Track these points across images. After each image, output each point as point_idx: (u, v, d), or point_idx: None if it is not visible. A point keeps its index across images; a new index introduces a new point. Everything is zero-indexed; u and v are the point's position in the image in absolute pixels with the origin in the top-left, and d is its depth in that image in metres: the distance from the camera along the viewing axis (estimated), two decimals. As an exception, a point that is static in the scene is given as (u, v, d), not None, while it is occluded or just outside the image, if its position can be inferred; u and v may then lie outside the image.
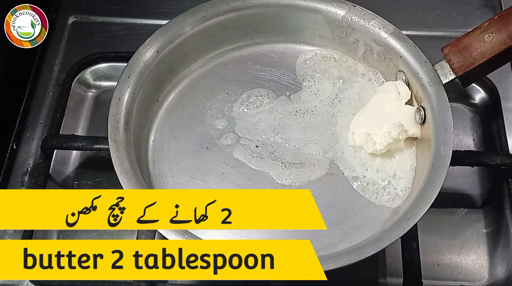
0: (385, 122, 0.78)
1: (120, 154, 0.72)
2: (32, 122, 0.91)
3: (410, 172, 0.78)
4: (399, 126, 0.77)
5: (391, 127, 0.77)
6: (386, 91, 0.80)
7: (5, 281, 0.80)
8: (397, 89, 0.80)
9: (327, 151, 0.81)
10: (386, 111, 0.79)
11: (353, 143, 0.79)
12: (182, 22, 0.82)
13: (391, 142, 0.77)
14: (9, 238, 0.82)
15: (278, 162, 0.80)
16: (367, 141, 0.78)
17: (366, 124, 0.79)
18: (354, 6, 0.83)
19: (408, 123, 0.78)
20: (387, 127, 0.77)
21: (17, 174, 0.87)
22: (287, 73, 0.87)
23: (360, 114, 0.81)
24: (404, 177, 0.77)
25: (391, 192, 0.77)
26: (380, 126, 0.78)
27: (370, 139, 0.77)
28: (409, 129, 0.78)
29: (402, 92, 0.79)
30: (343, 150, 0.81)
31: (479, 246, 0.84)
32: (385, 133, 0.77)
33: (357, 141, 0.79)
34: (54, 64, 0.96)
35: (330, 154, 0.80)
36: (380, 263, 0.81)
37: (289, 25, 0.87)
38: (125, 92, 0.77)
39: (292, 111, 0.84)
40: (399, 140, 0.77)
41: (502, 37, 0.73)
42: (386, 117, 0.78)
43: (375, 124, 0.78)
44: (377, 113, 0.79)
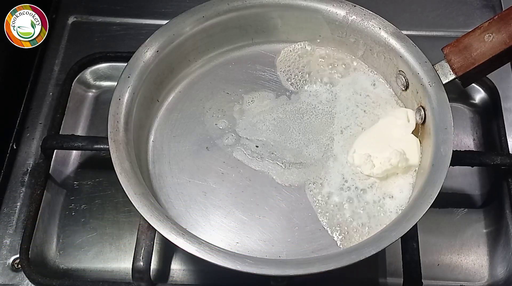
0: (388, 147, 0.77)
1: (120, 154, 0.72)
2: (32, 122, 0.91)
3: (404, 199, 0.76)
4: (401, 154, 0.76)
5: (393, 153, 0.76)
6: (396, 116, 0.80)
7: (5, 281, 0.80)
8: (407, 116, 0.79)
9: (326, 151, 0.81)
10: (392, 136, 0.79)
11: (351, 161, 0.79)
12: (182, 22, 0.82)
13: (389, 168, 0.76)
14: (9, 239, 0.82)
15: (278, 162, 0.80)
16: (366, 162, 0.77)
17: (369, 145, 0.79)
18: (354, 6, 0.83)
19: (410, 152, 0.77)
20: (388, 152, 0.77)
21: (17, 174, 0.87)
22: (287, 73, 0.87)
23: (366, 134, 0.80)
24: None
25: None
26: (383, 149, 0.77)
27: (370, 161, 0.77)
28: (410, 159, 0.77)
29: (411, 120, 0.79)
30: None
31: (479, 246, 0.84)
32: (385, 158, 0.76)
33: (356, 160, 0.78)
34: (54, 64, 0.97)
35: (329, 153, 0.81)
36: (380, 263, 0.81)
37: (289, 25, 0.86)
38: (125, 92, 0.77)
39: (292, 111, 0.84)
40: (398, 168, 0.77)
41: (502, 37, 0.73)
42: (391, 142, 0.78)
43: (378, 146, 0.78)
44: (382, 136, 0.79)
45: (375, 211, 0.76)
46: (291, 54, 0.88)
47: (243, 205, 0.77)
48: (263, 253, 0.74)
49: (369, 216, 0.75)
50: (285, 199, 0.77)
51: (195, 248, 0.66)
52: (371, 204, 0.76)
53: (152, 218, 0.68)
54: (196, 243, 0.67)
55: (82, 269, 0.81)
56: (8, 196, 0.85)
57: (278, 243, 0.75)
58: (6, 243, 0.82)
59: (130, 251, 0.77)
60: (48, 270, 0.81)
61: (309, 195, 0.77)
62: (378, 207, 0.76)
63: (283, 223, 0.76)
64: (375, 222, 0.75)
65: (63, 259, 0.82)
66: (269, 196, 0.78)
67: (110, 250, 0.82)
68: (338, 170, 0.79)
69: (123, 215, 0.84)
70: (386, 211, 0.75)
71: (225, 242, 0.74)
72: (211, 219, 0.76)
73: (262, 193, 0.78)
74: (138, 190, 0.70)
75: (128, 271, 0.74)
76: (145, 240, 0.73)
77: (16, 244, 0.81)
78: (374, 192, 0.77)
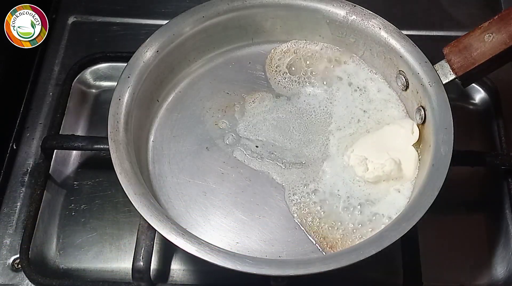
0: (385, 154, 0.77)
1: (120, 154, 0.72)
2: (32, 122, 0.91)
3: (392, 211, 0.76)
4: (396, 164, 0.76)
5: (388, 161, 0.76)
6: (402, 125, 0.80)
7: (5, 281, 0.80)
8: (412, 129, 0.79)
9: (325, 151, 0.81)
10: (393, 145, 0.79)
11: (347, 161, 0.79)
12: (182, 22, 0.82)
13: (381, 175, 0.76)
14: (9, 239, 0.82)
15: (278, 162, 0.80)
16: (360, 164, 0.77)
17: (368, 148, 0.79)
18: (354, 6, 0.83)
19: (407, 164, 0.77)
20: (384, 159, 0.77)
21: (17, 174, 0.87)
22: (286, 73, 0.87)
23: (368, 137, 0.80)
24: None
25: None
26: (380, 156, 0.77)
27: (364, 164, 0.77)
28: (405, 170, 0.77)
29: (415, 133, 0.79)
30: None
31: (479, 246, 0.84)
32: (380, 164, 0.77)
33: (352, 160, 0.78)
34: (54, 64, 0.97)
35: (327, 153, 0.81)
36: (380, 263, 0.81)
37: (289, 25, 0.87)
38: (125, 92, 0.77)
39: (292, 111, 0.84)
40: (390, 176, 0.77)
41: (502, 37, 0.73)
42: (390, 150, 0.78)
43: (376, 152, 0.78)
44: (383, 143, 0.79)
45: (373, 213, 0.76)
46: (291, 55, 0.88)
47: (243, 205, 0.77)
48: (263, 253, 0.74)
49: (368, 217, 0.75)
50: (285, 199, 0.77)
51: (195, 248, 0.66)
52: (370, 205, 0.76)
53: (152, 218, 0.68)
54: (196, 243, 0.67)
55: (82, 269, 0.81)
56: (8, 196, 0.85)
57: (278, 243, 0.75)
58: (6, 243, 0.82)
59: (130, 251, 0.77)
60: (48, 270, 0.81)
61: (309, 195, 0.78)
62: (377, 207, 0.76)
63: (283, 223, 0.76)
64: (374, 224, 0.75)
65: (63, 259, 0.82)
66: (269, 196, 0.78)
67: (110, 250, 0.82)
68: (335, 171, 0.79)
69: (123, 215, 0.84)
70: (384, 214, 0.75)
71: (225, 242, 0.74)
72: (211, 219, 0.76)
73: (262, 193, 0.78)
74: (138, 190, 0.70)
75: (128, 271, 0.74)
76: (145, 240, 0.73)
77: (16, 244, 0.81)
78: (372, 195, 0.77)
